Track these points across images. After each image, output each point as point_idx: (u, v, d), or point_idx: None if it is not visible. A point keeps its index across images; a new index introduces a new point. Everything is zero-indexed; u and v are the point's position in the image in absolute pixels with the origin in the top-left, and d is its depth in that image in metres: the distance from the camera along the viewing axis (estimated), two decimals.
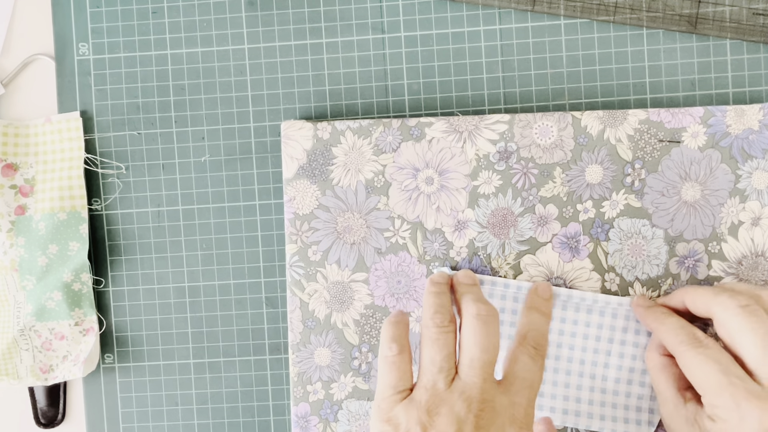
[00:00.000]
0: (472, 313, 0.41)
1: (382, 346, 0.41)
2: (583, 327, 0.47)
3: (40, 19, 0.50)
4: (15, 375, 0.50)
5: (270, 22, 0.49)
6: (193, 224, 0.50)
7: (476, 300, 0.42)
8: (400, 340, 0.41)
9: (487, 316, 0.41)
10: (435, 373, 0.40)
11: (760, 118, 0.46)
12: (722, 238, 0.47)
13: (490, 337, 0.40)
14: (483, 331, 0.40)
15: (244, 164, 0.50)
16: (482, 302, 0.42)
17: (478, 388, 0.39)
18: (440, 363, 0.40)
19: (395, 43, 0.49)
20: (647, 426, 0.47)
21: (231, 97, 0.50)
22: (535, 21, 0.49)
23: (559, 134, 0.47)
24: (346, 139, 0.48)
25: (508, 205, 0.47)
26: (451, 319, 0.42)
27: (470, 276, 0.46)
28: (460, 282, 0.45)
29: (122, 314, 0.50)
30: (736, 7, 0.47)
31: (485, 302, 0.42)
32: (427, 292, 0.44)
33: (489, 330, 0.41)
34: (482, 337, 0.40)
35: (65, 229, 0.49)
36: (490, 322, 0.41)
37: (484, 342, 0.40)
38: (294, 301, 0.48)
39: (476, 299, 0.42)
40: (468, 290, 0.44)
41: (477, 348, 0.40)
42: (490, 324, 0.41)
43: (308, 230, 0.48)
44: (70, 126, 0.50)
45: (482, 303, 0.42)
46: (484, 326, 0.40)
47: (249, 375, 0.50)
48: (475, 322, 0.41)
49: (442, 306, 0.42)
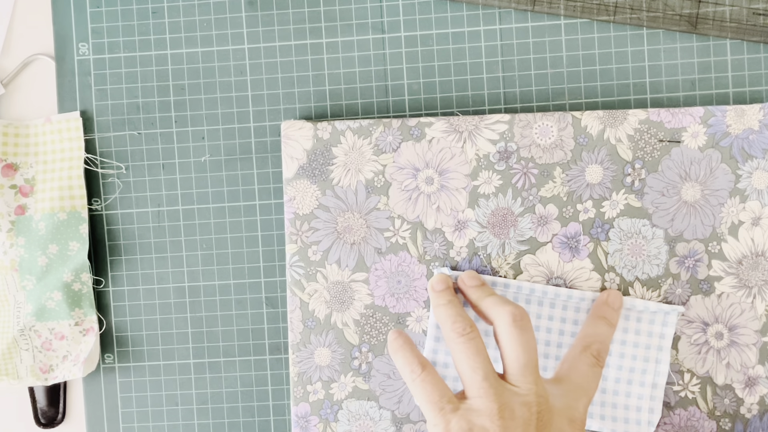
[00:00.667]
0: (508, 321, 0.41)
1: (403, 372, 0.42)
2: None
3: (40, 19, 0.50)
4: (15, 375, 0.50)
5: (270, 22, 0.49)
6: (193, 224, 0.50)
7: (503, 303, 0.42)
8: (417, 359, 0.42)
9: (521, 321, 0.41)
10: (481, 380, 0.40)
11: (760, 118, 0.46)
12: (722, 238, 0.47)
13: (529, 340, 0.41)
14: (523, 338, 0.41)
15: (244, 164, 0.50)
16: (510, 304, 0.42)
17: (533, 392, 0.40)
18: (482, 369, 0.40)
19: (395, 43, 0.49)
20: (647, 426, 0.47)
21: (231, 97, 0.50)
22: (535, 21, 0.49)
23: (559, 134, 0.47)
24: (346, 139, 0.48)
25: (508, 205, 0.47)
26: (472, 324, 0.42)
27: (476, 277, 0.46)
28: (469, 286, 0.45)
29: (122, 314, 0.50)
30: (736, 7, 0.47)
31: (512, 303, 0.42)
32: (436, 306, 0.44)
33: (527, 334, 0.41)
34: (523, 342, 0.41)
35: (65, 229, 0.49)
36: (526, 326, 0.41)
37: (525, 346, 0.41)
38: (294, 301, 0.48)
39: (502, 302, 0.43)
40: (483, 293, 0.44)
41: (522, 352, 0.41)
42: (526, 328, 0.41)
43: (308, 230, 0.48)
44: (70, 126, 0.50)
45: (511, 306, 0.42)
46: (522, 332, 0.41)
47: (249, 375, 0.50)
48: (513, 329, 0.41)
49: (458, 315, 0.43)
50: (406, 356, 0.42)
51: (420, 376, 0.41)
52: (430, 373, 0.41)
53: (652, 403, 0.47)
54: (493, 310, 0.42)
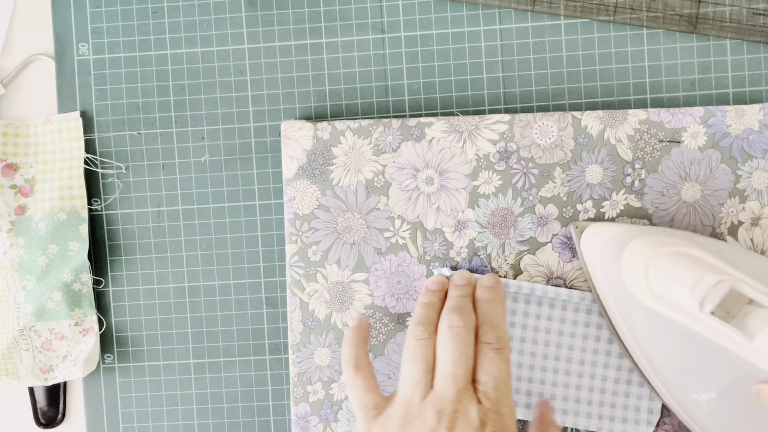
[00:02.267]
0: (445, 324, 0.42)
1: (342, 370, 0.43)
2: (583, 328, 0.47)
3: (40, 19, 0.50)
4: (15, 375, 0.50)
5: (270, 22, 0.49)
6: (193, 224, 0.50)
7: (452, 310, 0.43)
8: (352, 361, 0.43)
9: (458, 328, 0.41)
10: (411, 387, 0.41)
11: (760, 118, 0.46)
12: (722, 238, 0.47)
13: (462, 349, 0.41)
14: (455, 344, 0.41)
15: (244, 164, 0.50)
16: (457, 312, 0.42)
17: (450, 400, 0.40)
18: (417, 377, 0.41)
19: (395, 43, 0.49)
20: (646, 426, 0.47)
21: (231, 97, 0.50)
22: (535, 21, 0.49)
23: (559, 134, 0.47)
24: (346, 139, 0.48)
25: (508, 205, 0.47)
26: (432, 332, 0.42)
27: (464, 276, 0.46)
28: (452, 284, 0.46)
29: (122, 314, 0.50)
30: (736, 7, 0.47)
31: (461, 312, 0.42)
32: (417, 303, 0.45)
33: (460, 341, 0.41)
34: (453, 350, 0.41)
35: (65, 229, 0.49)
36: (462, 334, 0.41)
37: (455, 355, 0.41)
38: (294, 301, 0.48)
39: (453, 309, 0.43)
40: (455, 292, 0.45)
41: (448, 361, 0.41)
42: (462, 336, 0.41)
43: (308, 230, 0.48)
44: (70, 126, 0.50)
45: (456, 313, 0.42)
46: (456, 339, 0.41)
47: (249, 375, 0.50)
48: (448, 334, 0.41)
49: (425, 317, 0.43)
50: (346, 354, 0.43)
51: (353, 379, 0.42)
52: (364, 376, 0.42)
53: (651, 403, 0.47)
54: (442, 315, 0.43)
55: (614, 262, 0.43)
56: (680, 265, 0.41)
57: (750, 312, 0.40)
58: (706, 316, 0.40)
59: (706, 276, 0.40)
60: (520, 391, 0.47)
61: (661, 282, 0.41)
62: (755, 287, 0.40)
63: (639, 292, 0.42)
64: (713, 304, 0.40)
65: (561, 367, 0.47)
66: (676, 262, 0.41)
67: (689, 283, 0.40)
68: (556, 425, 0.44)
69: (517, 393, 0.47)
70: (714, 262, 0.41)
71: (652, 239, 0.42)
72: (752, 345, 0.38)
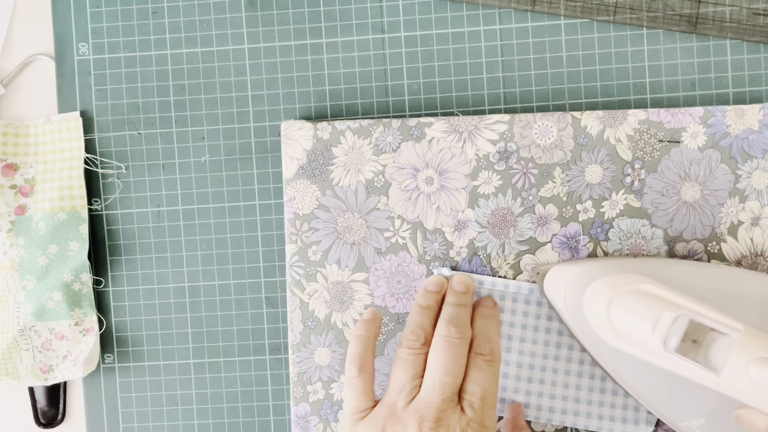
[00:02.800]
0: (442, 333, 0.42)
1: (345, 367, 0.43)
2: None
3: (40, 19, 0.50)
4: (15, 375, 0.50)
5: (270, 22, 0.49)
6: (193, 224, 0.50)
7: (449, 321, 0.43)
8: (358, 361, 0.43)
9: (454, 338, 0.42)
10: (397, 392, 0.41)
11: (760, 118, 0.46)
12: (722, 238, 0.47)
13: (454, 359, 0.41)
14: (448, 353, 0.41)
15: (244, 164, 0.50)
16: (455, 324, 0.43)
17: (433, 407, 0.40)
18: (404, 383, 0.41)
19: (395, 43, 0.49)
20: (646, 426, 0.47)
21: (231, 97, 0.50)
22: (535, 21, 0.49)
23: (559, 134, 0.47)
24: (346, 139, 0.48)
25: (508, 205, 0.47)
26: (425, 342, 0.43)
27: (464, 283, 0.46)
28: (450, 289, 0.46)
29: (122, 314, 0.50)
30: (736, 7, 0.47)
31: (458, 324, 0.43)
32: (413, 307, 0.45)
33: (454, 352, 0.41)
34: (446, 359, 0.41)
35: (65, 229, 0.49)
36: (457, 344, 0.42)
37: (446, 364, 0.41)
38: (294, 301, 0.48)
39: (450, 320, 0.43)
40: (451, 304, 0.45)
41: (439, 369, 0.41)
42: (456, 346, 0.42)
43: (308, 230, 0.48)
44: (70, 126, 0.50)
45: (454, 325, 0.42)
46: (450, 348, 0.41)
47: (249, 375, 0.50)
48: (442, 343, 0.42)
49: (419, 327, 0.43)
50: (353, 351, 0.43)
51: (354, 379, 0.42)
52: (364, 379, 0.42)
53: None
54: (439, 322, 0.43)
55: (577, 305, 0.43)
56: (639, 304, 0.41)
57: (714, 340, 0.39)
58: (671, 354, 0.40)
59: (665, 314, 0.40)
60: (519, 391, 0.47)
61: (623, 323, 0.41)
62: (711, 317, 0.39)
63: (604, 333, 0.42)
64: (675, 342, 0.39)
65: (561, 367, 0.47)
66: (636, 301, 0.41)
67: (650, 322, 0.40)
68: (528, 428, 0.45)
69: (517, 393, 0.47)
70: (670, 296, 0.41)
71: (610, 279, 0.42)
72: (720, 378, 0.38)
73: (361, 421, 0.41)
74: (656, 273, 0.42)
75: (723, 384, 0.38)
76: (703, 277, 0.42)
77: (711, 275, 0.42)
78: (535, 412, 0.47)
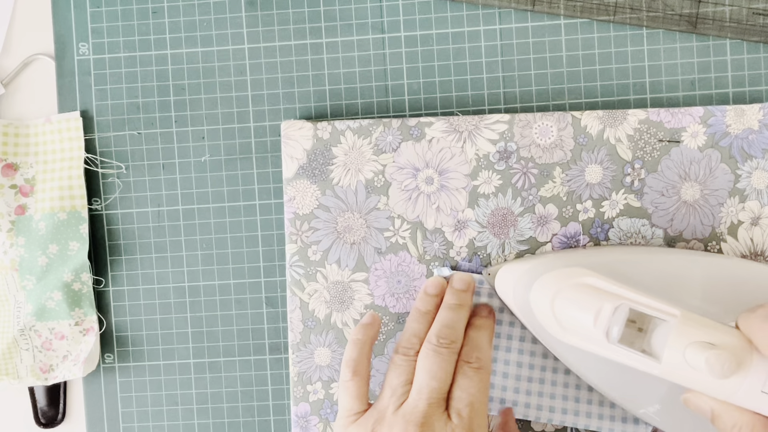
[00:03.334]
0: (432, 339, 0.43)
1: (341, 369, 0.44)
2: None
3: (40, 19, 0.50)
4: (15, 375, 0.50)
5: (270, 22, 0.49)
6: (193, 224, 0.50)
7: (442, 326, 0.43)
8: (353, 365, 0.43)
9: (443, 347, 0.42)
10: (388, 397, 0.42)
11: (760, 117, 0.46)
12: (722, 238, 0.47)
13: (441, 365, 0.42)
14: (435, 360, 0.42)
15: (244, 164, 0.50)
16: (447, 329, 0.43)
17: (419, 412, 0.40)
18: (395, 388, 0.42)
19: (395, 43, 0.49)
20: (646, 425, 0.47)
21: (231, 97, 0.50)
22: (535, 21, 0.49)
23: (559, 134, 0.47)
24: (346, 139, 0.48)
25: (508, 204, 0.47)
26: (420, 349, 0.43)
27: (464, 280, 0.46)
28: (450, 287, 0.46)
29: (122, 314, 0.50)
30: (736, 7, 0.47)
31: (450, 330, 0.43)
32: (412, 311, 0.45)
33: (442, 358, 0.42)
34: (433, 364, 0.42)
35: (65, 229, 0.49)
36: (444, 353, 0.42)
37: (433, 369, 0.42)
38: (294, 300, 0.48)
39: (443, 326, 0.43)
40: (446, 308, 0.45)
41: (426, 374, 0.41)
42: (444, 354, 0.42)
43: (308, 230, 0.48)
44: (70, 126, 0.50)
45: (443, 334, 0.43)
46: (437, 355, 0.42)
47: (249, 375, 0.50)
48: (430, 351, 0.42)
49: (414, 335, 0.44)
50: (348, 355, 0.44)
51: (347, 382, 0.43)
52: (358, 383, 0.43)
53: None
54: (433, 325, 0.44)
55: (525, 302, 0.43)
56: (581, 297, 0.41)
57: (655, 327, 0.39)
58: (614, 345, 0.40)
59: (605, 305, 0.40)
60: (519, 391, 0.47)
61: (567, 317, 0.41)
62: (650, 305, 0.39)
63: (551, 328, 0.42)
64: (617, 332, 0.39)
65: (561, 366, 0.47)
66: (578, 294, 0.41)
67: (591, 314, 0.40)
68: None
69: (517, 393, 0.47)
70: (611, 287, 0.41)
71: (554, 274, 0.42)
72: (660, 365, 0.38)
73: (353, 424, 0.42)
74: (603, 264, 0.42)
75: (664, 370, 0.38)
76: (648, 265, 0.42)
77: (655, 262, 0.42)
78: (535, 412, 0.47)
